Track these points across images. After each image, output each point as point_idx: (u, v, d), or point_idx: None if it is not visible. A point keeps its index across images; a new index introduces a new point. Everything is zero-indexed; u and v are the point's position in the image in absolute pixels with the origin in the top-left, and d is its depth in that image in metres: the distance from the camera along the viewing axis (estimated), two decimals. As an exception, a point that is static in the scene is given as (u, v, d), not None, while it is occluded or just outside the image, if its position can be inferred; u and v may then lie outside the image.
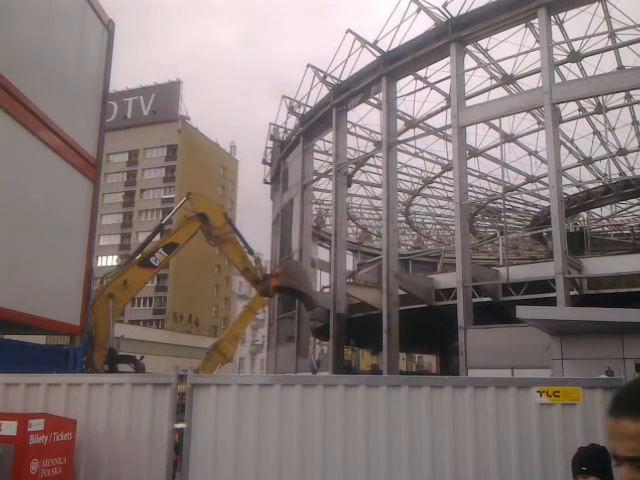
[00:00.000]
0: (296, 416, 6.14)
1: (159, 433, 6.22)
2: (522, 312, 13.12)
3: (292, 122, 34.73)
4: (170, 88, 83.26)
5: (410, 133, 31.75)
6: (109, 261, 79.37)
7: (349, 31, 27.54)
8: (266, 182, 39.98)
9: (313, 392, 6.20)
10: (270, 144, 37.75)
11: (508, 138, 31.59)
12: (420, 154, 36.16)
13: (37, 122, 9.92)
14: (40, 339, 12.83)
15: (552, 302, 18.23)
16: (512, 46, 24.65)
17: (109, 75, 13.22)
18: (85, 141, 11.86)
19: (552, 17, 22.25)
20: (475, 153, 33.14)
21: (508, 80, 27.31)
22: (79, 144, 11.49)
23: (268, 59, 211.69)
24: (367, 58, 26.73)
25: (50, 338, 13.88)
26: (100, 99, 12.87)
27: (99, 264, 74.35)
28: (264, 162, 38.88)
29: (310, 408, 6.15)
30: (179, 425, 6.23)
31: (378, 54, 26.02)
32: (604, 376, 6.36)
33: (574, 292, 19.82)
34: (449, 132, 25.92)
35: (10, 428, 5.46)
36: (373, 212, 45.77)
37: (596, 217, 42.06)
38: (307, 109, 32.34)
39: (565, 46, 25.23)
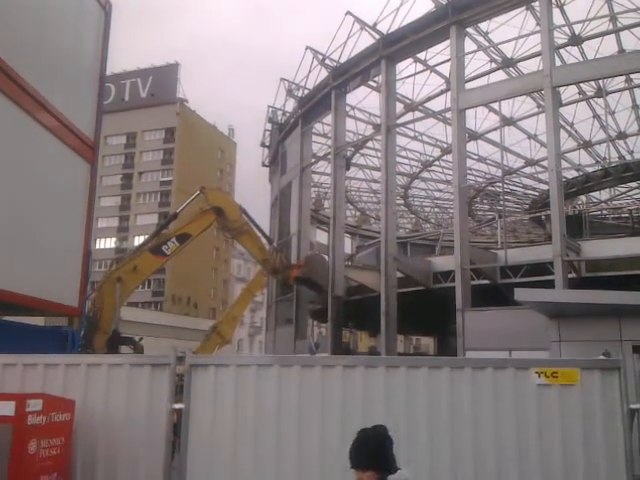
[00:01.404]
0: (294, 396, 6.16)
1: (157, 413, 6.23)
2: (520, 294, 13.14)
3: (291, 105, 34.60)
4: (168, 70, 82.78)
5: (409, 116, 31.62)
6: (107, 243, 79.50)
7: (348, 13, 27.33)
8: (264, 165, 39.87)
9: (312, 373, 6.22)
10: (268, 127, 37.60)
11: (508, 121, 31.48)
12: (419, 137, 36.06)
13: (34, 104, 9.83)
14: (39, 320, 12.83)
15: (550, 285, 18.27)
16: (512, 29, 24.48)
17: (106, 56, 13.08)
18: (83, 123, 11.77)
19: (553, 0, 22.10)
20: (474, 136, 33.05)
21: (508, 63, 27.15)
22: (77, 126, 11.41)
23: (267, 41, 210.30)
24: (366, 40, 26.55)
25: (48, 319, 13.88)
26: (97, 80, 12.76)
27: (97, 246, 74.51)
28: (262, 145, 38.74)
29: (308, 388, 6.17)
30: (177, 405, 6.24)
31: (377, 36, 25.82)
32: (602, 357, 6.38)
33: (572, 275, 19.86)
34: (449, 115, 25.80)
35: (8, 408, 5.46)
36: (372, 195, 45.70)
37: (595, 200, 42.04)
38: (306, 92, 32.16)
39: (566, 29, 25.06)
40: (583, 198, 40.72)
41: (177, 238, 20.41)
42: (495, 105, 26.09)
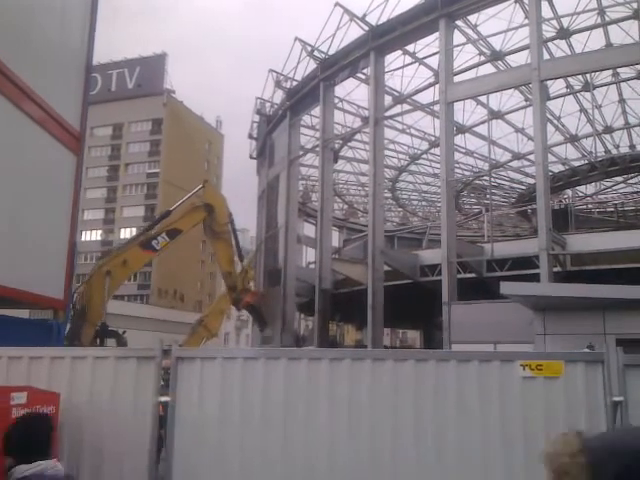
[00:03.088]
0: (281, 389, 6.16)
1: (143, 406, 6.21)
2: (506, 288, 13.25)
3: (279, 96, 34.48)
4: (155, 61, 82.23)
5: (398, 109, 31.67)
6: (93, 236, 79.04)
7: (337, 4, 27.24)
8: (252, 157, 39.75)
9: (298, 365, 6.22)
10: (256, 118, 37.46)
11: (495, 115, 31.58)
12: (407, 130, 36.09)
13: (19, 93, 9.71)
14: (24, 313, 12.75)
15: (536, 278, 18.41)
16: (501, 22, 24.56)
17: (93, 45, 12.93)
18: (68, 113, 11.64)
19: (541, -7, 22.12)
20: (462, 130, 33.12)
21: (497, 56, 27.21)
22: (62, 116, 11.29)
23: (255, 32, 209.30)
24: (355, 32, 26.55)
25: (34, 312, 13.79)
26: (83, 70, 12.62)
27: (83, 238, 74.06)
28: (250, 137, 38.61)
29: (295, 381, 6.16)
30: (164, 398, 6.22)
31: (366, 28, 25.79)
32: (586, 350, 6.43)
33: (557, 268, 20.02)
34: (437, 108, 25.84)
35: (-8, 401, 5.42)
36: (359, 188, 45.74)
37: (581, 194, 42.33)
38: (294, 83, 32.07)
39: (554, 22, 25.14)
40: (569, 192, 40.99)
41: (167, 233, 20.34)
42: (483, 98, 26.17)
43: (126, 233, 79.34)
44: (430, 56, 27.04)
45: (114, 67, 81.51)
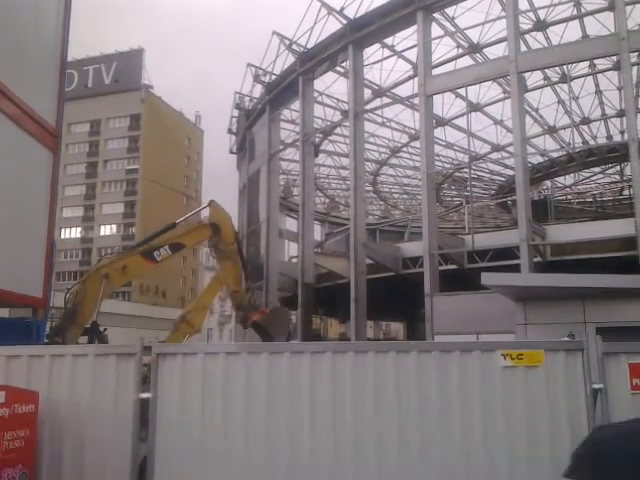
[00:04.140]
0: (263, 383, 6.13)
1: (124, 404, 6.16)
2: (487, 279, 13.32)
3: (258, 91, 34.33)
4: (132, 56, 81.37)
5: (377, 102, 31.66)
6: (73, 233, 78.30)
7: (315, -3, 27.14)
8: (232, 152, 39.56)
9: (280, 359, 6.20)
10: (235, 113, 37.27)
11: (474, 107, 31.71)
12: (387, 123, 36.13)
13: (-8, 90, 9.57)
14: (3, 312, 12.59)
15: (516, 269, 18.55)
16: (479, 14, 24.64)
17: (67, 41, 12.76)
18: (44, 110, 11.49)
19: (518, -15, 22.22)
20: (442, 122, 33.23)
21: (474, 49, 27.29)
22: (38, 113, 11.14)
23: (233, 26, 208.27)
24: (334, 26, 26.46)
25: (14, 311, 13.63)
26: (59, 66, 12.46)
27: (62, 236, 73.36)
28: (230, 131, 38.41)
29: (276, 375, 6.14)
30: (145, 395, 6.17)
31: (345, 21, 25.73)
32: (566, 339, 6.48)
33: (538, 259, 20.19)
34: (416, 101, 25.88)
35: (-30, 401, 5.35)
36: (341, 182, 45.75)
37: (560, 185, 42.70)
38: (273, 77, 31.94)
39: (531, 15, 25.27)
40: (548, 183, 41.33)
41: (170, 246, 20.21)
42: (462, 91, 26.25)
43: (106, 230, 78.82)
44: (408, 49, 27.06)
45: (90, 63, 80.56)
